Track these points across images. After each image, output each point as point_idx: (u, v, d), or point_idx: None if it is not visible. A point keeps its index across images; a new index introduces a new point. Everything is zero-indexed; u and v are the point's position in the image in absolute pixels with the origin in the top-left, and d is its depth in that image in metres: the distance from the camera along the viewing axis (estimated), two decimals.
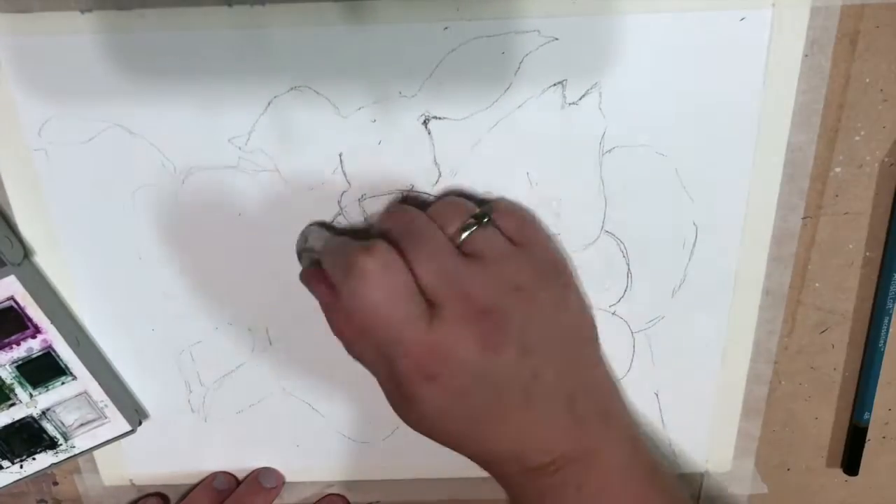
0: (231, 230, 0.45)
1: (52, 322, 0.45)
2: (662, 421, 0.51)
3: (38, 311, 0.44)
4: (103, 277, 0.46)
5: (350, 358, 0.48)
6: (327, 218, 0.45)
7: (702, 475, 0.53)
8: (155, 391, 0.51)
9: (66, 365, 0.46)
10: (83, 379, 0.47)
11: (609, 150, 0.42)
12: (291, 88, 0.41)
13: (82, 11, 0.39)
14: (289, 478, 0.54)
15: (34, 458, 0.49)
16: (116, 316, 0.48)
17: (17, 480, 0.49)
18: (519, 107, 0.41)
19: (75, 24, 0.39)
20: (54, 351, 0.46)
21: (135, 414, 0.50)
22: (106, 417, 0.48)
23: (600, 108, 0.41)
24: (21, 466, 0.49)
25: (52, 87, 0.41)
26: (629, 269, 0.46)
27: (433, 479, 0.54)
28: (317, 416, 0.51)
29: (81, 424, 0.48)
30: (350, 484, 0.55)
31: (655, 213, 0.44)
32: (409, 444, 0.53)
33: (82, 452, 0.50)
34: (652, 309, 0.47)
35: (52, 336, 0.45)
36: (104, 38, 0.40)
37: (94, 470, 0.54)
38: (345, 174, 0.43)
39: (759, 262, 0.46)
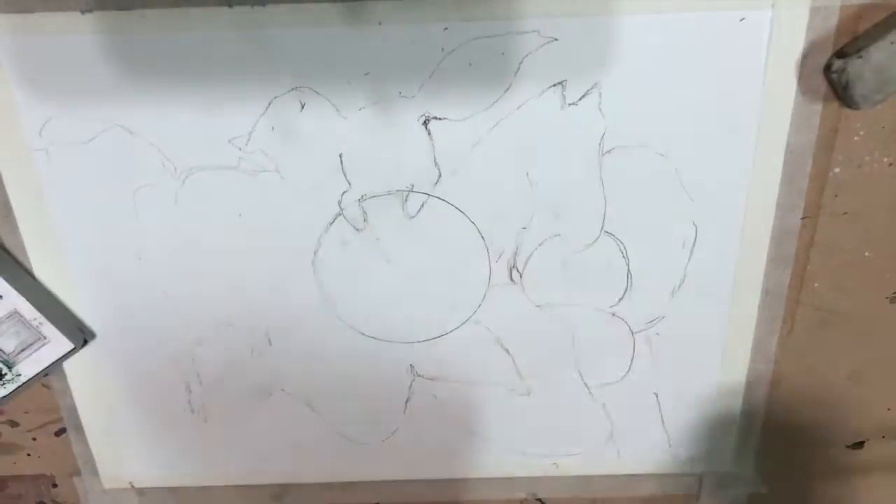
0: (231, 231, 0.45)
1: None
2: (662, 421, 0.51)
3: None
4: (103, 277, 0.46)
5: (350, 360, 0.49)
6: (328, 218, 0.45)
7: (701, 475, 0.53)
8: (155, 392, 0.50)
9: None
10: (9, 296, 0.45)
11: (609, 151, 0.43)
12: (292, 89, 0.41)
13: (83, 12, 0.39)
14: (287, 480, 0.54)
15: None
16: (116, 316, 0.48)
17: None
18: (519, 107, 0.41)
19: (76, 24, 0.39)
20: None
21: (78, 332, 0.48)
22: (45, 337, 0.47)
23: (600, 109, 0.41)
24: None
25: (53, 87, 0.41)
26: (629, 269, 0.46)
27: (432, 480, 0.54)
28: (316, 417, 0.51)
29: (23, 350, 0.47)
30: (348, 485, 0.54)
31: (655, 213, 0.44)
32: (408, 446, 0.53)
33: (30, 380, 0.48)
34: (652, 309, 0.47)
35: None
36: (105, 38, 0.40)
37: (94, 472, 0.54)
38: (345, 174, 0.43)
39: (758, 261, 0.46)
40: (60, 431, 0.52)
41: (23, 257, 0.46)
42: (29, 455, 0.53)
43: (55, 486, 0.54)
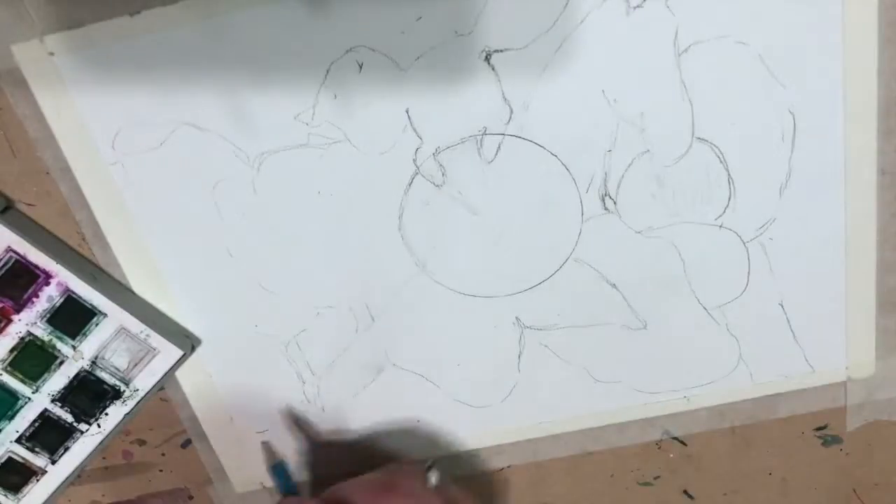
0: (313, 210, 0.44)
1: (60, 263, 0.44)
2: (793, 333, 0.48)
3: (40, 255, 0.44)
4: (199, 280, 0.47)
5: (454, 322, 0.47)
6: (406, 179, 0.44)
7: (845, 384, 0.50)
8: (269, 387, 0.50)
9: (91, 304, 0.46)
10: (114, 313, 0.46)
11: (685, 50, 0.40)
12: (347, 51, 0.40)
13: (131, 14, 0.39)
14: (414, 455, 0.53)
15: (107, 414, 0.49)
16: (217, 317, 0.48)
17: (102, 441, 0.49)
18: (581, 22, 0.39)
19: (127, 27, 0.39)
20: (74, 293, 0.45)
21: (184, 339, 0.48)
22: (154, 348, 0.47)
23: (668, 6, 0.39)
24: (99, 426, 0.49)
25: (115, 97, 0.41)
26: (729, 174, 0.43)
27: (559, 435, 0.52)
28: (432, 387, 0.50)
29: (135, 365, 0.48)
30: (476, 452, 0.53)
31: (747, 108, 0.41)
32: (529, 402, 0.51)
33: (148, 393, 0.49)
34: (761, 213, 0.44)
35: (64, 277, 0.45)
36: (157, 37, 0.40)
37: (225, 479, 0.54)
38: (415, 130, 0.42)
39: (868, 139, 0.42)
40: (186, 443, 0.53)
41: (119, 273, 0.46)
42: (161, 471, 0.54)
43: (191, 497, 0.55)
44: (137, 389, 0.48)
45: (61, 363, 0.47)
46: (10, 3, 0.39)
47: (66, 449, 0.49)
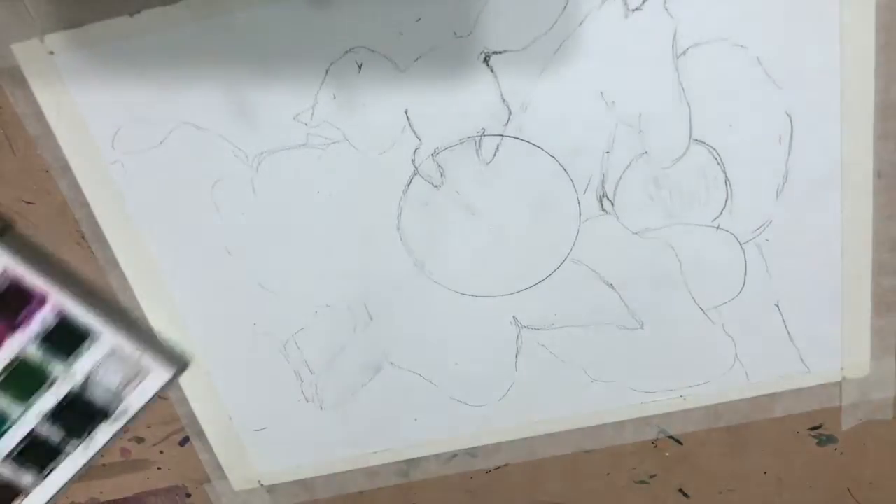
0: (311, 210, 0.45)
1: (55, 285, 0.44)
2: (788, 333, 0.48)
3: (35, 278, 0.44)
4: (197, 278, 0.47)
5: (452, 322, 0.48)
6: (404, 180, 0.44)
7: (840, 384, 0.50)
8: (267, 386, 0.51)
9: (85, 326, 0.46)
10: (108, 335, 0.46)
11: (683, 52, 0.40)
12: (346, 52, 0.40)
13: (131, 14, 0.39)
14: (411, 454, 0.53)
15: (96, 433, 0.49)
16: (216, 316, 0.48)
17: (90, 460, 0.50)
18: (580, 24, 0.39)
19: (127, 27, 0.39)
20: (68, 315, 0.45)
21: (176, 358, 0.49)
22: (146, 369, 0.48)
23: (666, 9, 0.39)
24: (87, 445, 0.49)
25: (115, 96, 0.41)
26: (726, 176, 0.43)
27: (555, 434, 0.52)
28: (429, 386, 0.50)
29: (126, 385, 0.48)
30: (473, 451, 0.53)
31: (744, 110, 0.42)
32: (526, 402, 0.51)
33: (137, 413, 0.49)
34: (758, 215, 0.45)
35: (59, 300, 0.45)
36: (156, 36, 0.40)
37: (223, 477, 0.54)
38: (414, 130, 0.42)
39: (864, 143, 0.42)
40: (184, 441, 0.53)
41: (117, 272, 0.46)
42: (159, 469, 0.54)
43: (189, 495, 0.55)
44: (127, 409, 0.49)
45: (52, 383, 0.47)
46: (11, 2, 0.39)
47: (53, 469, 0.50)
